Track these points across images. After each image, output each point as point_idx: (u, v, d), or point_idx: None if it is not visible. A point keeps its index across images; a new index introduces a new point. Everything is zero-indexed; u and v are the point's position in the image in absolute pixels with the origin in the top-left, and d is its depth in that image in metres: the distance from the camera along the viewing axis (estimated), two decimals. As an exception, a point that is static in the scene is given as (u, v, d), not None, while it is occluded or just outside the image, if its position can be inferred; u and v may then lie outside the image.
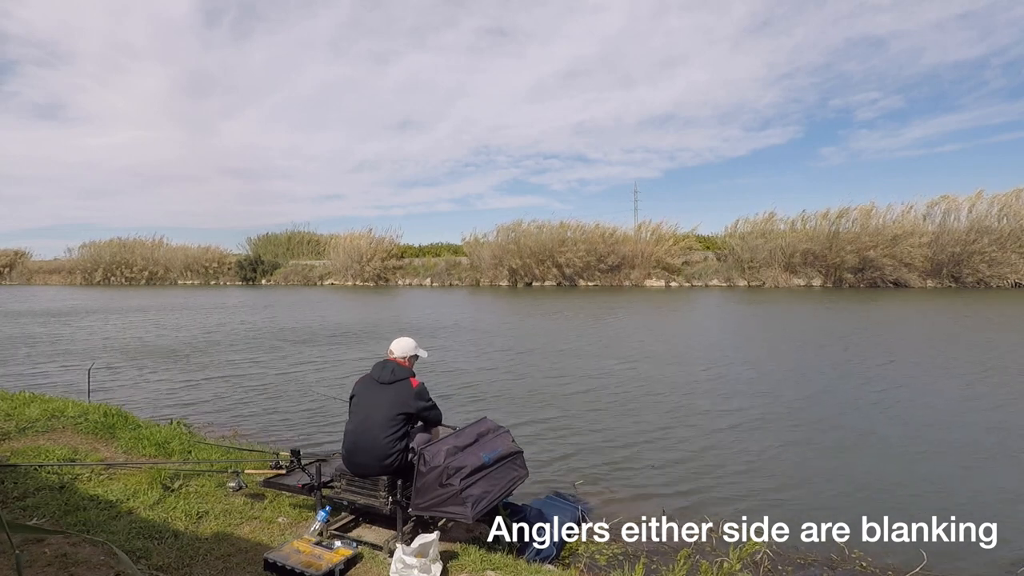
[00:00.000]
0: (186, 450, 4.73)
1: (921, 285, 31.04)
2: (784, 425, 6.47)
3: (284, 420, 6.85)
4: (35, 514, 3.46)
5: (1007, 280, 29.35)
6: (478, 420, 3.81)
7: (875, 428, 6.29)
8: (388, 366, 3.53)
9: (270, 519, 3.59)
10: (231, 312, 21.91)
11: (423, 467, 3.16)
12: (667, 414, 6.94)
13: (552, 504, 4.10)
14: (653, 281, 36.70)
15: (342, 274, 44.08)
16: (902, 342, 12.39)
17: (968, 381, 8.47)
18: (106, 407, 5.90)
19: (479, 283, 40.07)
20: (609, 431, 6.29)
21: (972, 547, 3.76)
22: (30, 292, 38.44)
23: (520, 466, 3.62)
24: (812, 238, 33.18)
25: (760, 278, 34.05)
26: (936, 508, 4.39)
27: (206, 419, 6.87)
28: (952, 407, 7.13)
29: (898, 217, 32.44)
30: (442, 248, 47.95)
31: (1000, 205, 30.43)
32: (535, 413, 7.03)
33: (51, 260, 55.37)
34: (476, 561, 3.13)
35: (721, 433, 6.21)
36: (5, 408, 5.80)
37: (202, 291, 38.51)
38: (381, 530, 3.45)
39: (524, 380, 8.95)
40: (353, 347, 12.54)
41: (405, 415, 3.40)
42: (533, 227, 39.20)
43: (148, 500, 3.69)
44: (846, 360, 10.32)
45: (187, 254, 50.24)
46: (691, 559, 3.19)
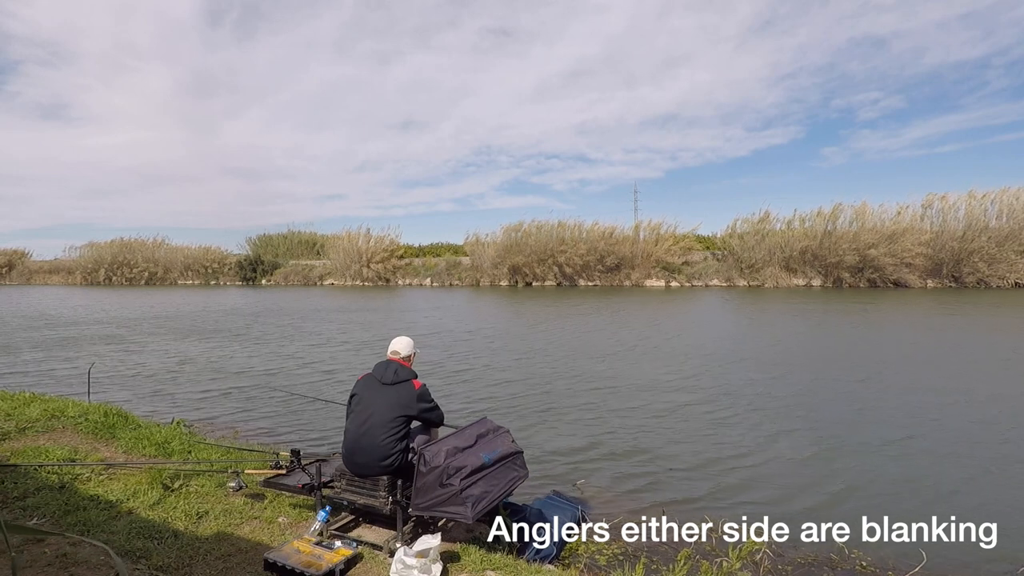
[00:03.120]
0: (186, 450, 4.73)
1: (921, 285, 31.03)
2: (784, 425, 6.47)
3: (284, 420, 6.85)
4: (35, 514, 3.46)
5: (1007, 280, 29.37)
6: (478, 420, 3.81)
7: (875, 428, 6.29)
8: (391, 366, 3.52)
9: (270, 519, 3.59)
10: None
11: (423, 467, 3.16)
12: (667, 414, 6.94)
13: (552, 504, 4.10)
14: (653, 281, 36.70)
15: (341, 274, 44.06)
16: (902, 342, 12.38)
17: (968, 381, 8.47)
18: (106, 407, 5.91)
19: (479, 283, 40.07)
20: (609, 431, 6.29)
21: (972, 547, 3.76)
22: (40, 293, 38.40)
23: (520, 466, 3.62)
24: (808, 236, 33.16)
25: (760, 278, 34.04)
26: (936, 508, 4.39)
27: (206, 419, 6.87)
28: (952, 407, 7.12)
29: (894, 216, 32.46)
30: (442, 248, 47.93)
31: (997, 204, 30.46)
32: (535, 413, 7.03)
33: (51, 260, 55.38)
34: (476, 561, 3.13)
35: (721, 433, 6.21)
36: (5, 408, 5.81)
37: (207, 291, 38.47)
38: (381, 530, 3.45)
39: (524, 380, 8.94)
40: (354, 347, 12.54)
41: (406, 416, 3.40)
42: (534, 227, 39.25)
43: (148, 500, 3.69)
44: (846, 361, 10.32)
45: (187, 254, 50.19)
46: (691, 559, 3.19)
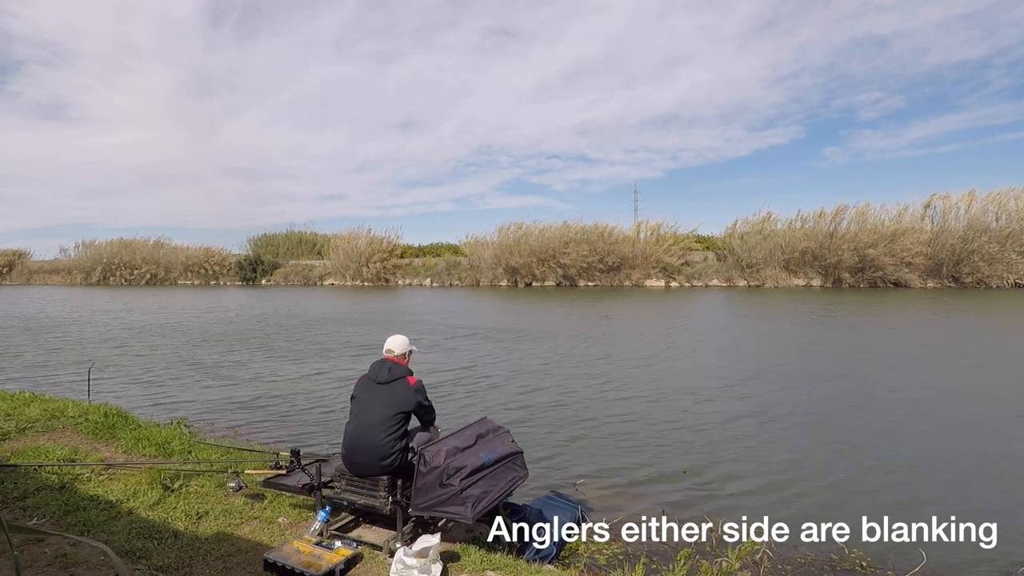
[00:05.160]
0: (186, 450, 4.73)
1: (921, 285, 31.02)
2: (784, 425, 6.47)
3: (284, 420, 6.85)
4: (35, 514, 3.46)
5: (1007, 280, 29.36)
6: (478, 420, 3.81)
7: (875, 428, 6.29)
8: (385, 365, 3.53)
9: (270, 519, 3.59)
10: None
11: (423, 467, 3.16)
12: (667, 414, 6.94)
13: (552, 504, 4.10)
14: (653, 281, 36.68)
15: (341, 274, 44.06)
16: (901, 343, 12.38)
17: (968, 382, 8.47)
18: (106, 407, 5.90)
19: (479, 283, 40.06)
20: (609, 431, 6.29)
21: (972, 547, 3.76)
22: (40, 293, 38.41)
23: (520, 466, 3.62)
24: (810, 236, 33.17)
25: (760, 278, 34.04)
26: (936, 508, 4.39)
27: (206, 419, 6.87)
28: (952, 407, 7.12)
29: (895, 216, 32.47)
30: (442, 248, 47.88)
31: (996, 204, 30.45)
32: (535, 413, 7.03)
33: (51, 260, 55.36)
34: (476, 561, 3.13)
35: (721, 433, 6.20)
36: (5, 408, 5.80)
37: (208, 291, 38.46)
38: (381, 530, 3.45)
39: (524, 380, 8.94)
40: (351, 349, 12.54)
41: (404, 413, 3.40)
42: (534, 227, 39.24)
43: (148, 500, 3.69)
44: (846, 361, 10.32)
45: (187, 255, 50.15)
46: (691, 559, 3.19)
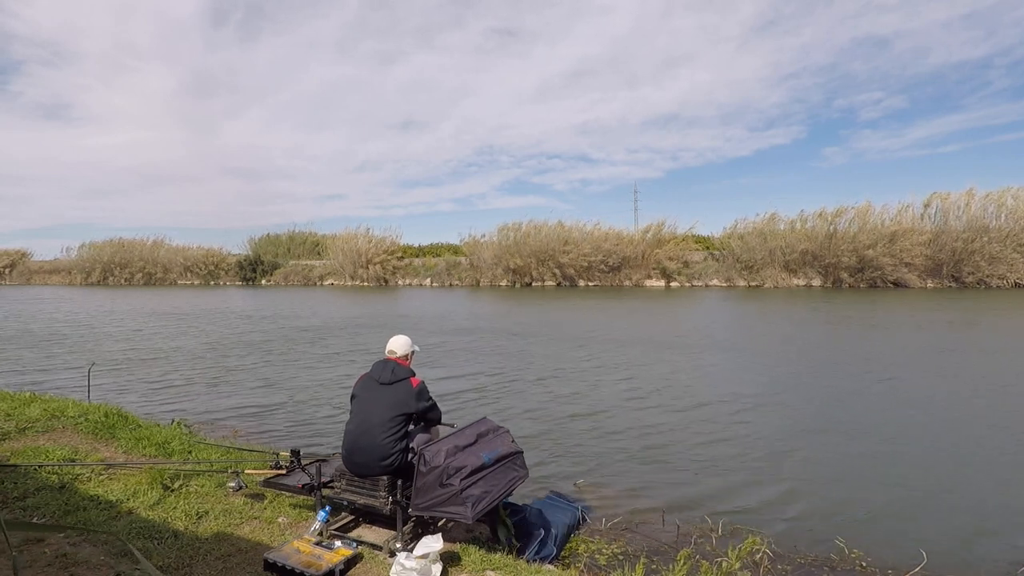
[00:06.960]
0: (186, 450, 4.73)
1: (921, 285, 31.03)
2: (784, 425, 6.47)
3: (284, 420, 6.85)
4: (35, 514, 3.46)
5: (1007, 280, 29.37)
6: (478, 420, 3.81)
7: (875, 429, 6.29)
8: (388, 366, 3.52)
9: (270, 519, 3.59)
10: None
11: (423, 467, 3.16)
12: (667, 414, 6.94)
13: (552, 504, 4.10)
14: (653, 281, 36.71)
15: (341, 274, 44.06)
16: (900, 343, 12.38)
17: (968, 382, 8.47)
18: (106, 407, 5.90)
19: (479, 283, 40.07)
20: (609, 432, 6.29)
21: (972, 547, 3.77)
22: (39, 293, 38.42)
23: (520, 466, 3.62)
24: (810, 238, 33.18)
25: (760, 278, 34.06)
26: (936, 508, 4.40)
27: (206, 419, 6.87)
28: (952, 408, 7.12)
29: (895, 216, 32.44)
30: (442, 248, 47.90)
31: (995, 203, 30.46)
32: (535, 413, 7.03)
33: (51, 260, 55.36)
34: (476, 561, 3.13)
35: (721, 433, 6.21)
36: (5, 408, 5.80)
37: (208, 292, 38.47)
38: (381, 530, 3.45)
39: (525, 380, 8.94)
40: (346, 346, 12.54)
41: (405, 415, 3.40)
42: (534, 228, 39.20)
43: (148, 500, 3.69)
44: (846, 362, 10.32)
45: (187, 255, 50.12)
46: (691, 559, 3.19)
